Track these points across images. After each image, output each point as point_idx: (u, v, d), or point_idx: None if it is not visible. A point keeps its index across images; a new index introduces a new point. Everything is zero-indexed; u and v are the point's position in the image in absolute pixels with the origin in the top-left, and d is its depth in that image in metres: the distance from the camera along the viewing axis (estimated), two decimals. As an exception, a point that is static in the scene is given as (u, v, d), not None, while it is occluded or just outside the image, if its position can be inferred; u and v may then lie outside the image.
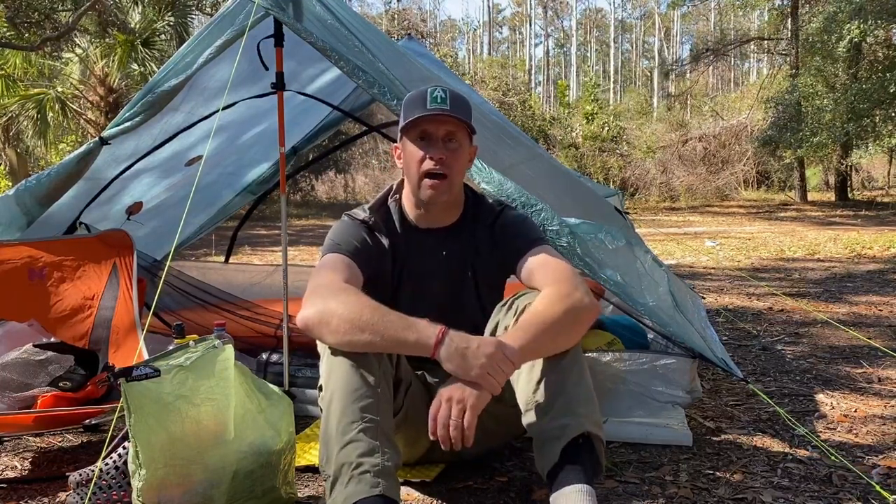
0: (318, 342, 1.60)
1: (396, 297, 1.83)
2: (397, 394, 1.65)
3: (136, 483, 1.45)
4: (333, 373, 1.51)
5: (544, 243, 1.78)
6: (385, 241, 1.81)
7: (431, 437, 1.44)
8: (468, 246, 1.85)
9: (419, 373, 1.82)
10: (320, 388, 1.58)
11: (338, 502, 1.39)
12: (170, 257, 2.47)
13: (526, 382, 1.57)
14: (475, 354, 1.42)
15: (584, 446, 1.47)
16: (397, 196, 1.86)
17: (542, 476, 1.50)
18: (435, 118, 1.69)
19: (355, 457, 1.41)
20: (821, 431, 2.24)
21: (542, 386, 1.54)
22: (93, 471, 1.63)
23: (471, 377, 1.42)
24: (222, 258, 4.75)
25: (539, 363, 1.55)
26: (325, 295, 1.53)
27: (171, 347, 1.62)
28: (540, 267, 1.69)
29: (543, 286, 1.62)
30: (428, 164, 1.70)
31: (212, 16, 3.21)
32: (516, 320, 1.61)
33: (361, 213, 1.81)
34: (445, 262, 1.85)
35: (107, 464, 1.62)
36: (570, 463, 1.45)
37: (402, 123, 1.75)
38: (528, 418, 1.54)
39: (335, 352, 1.52)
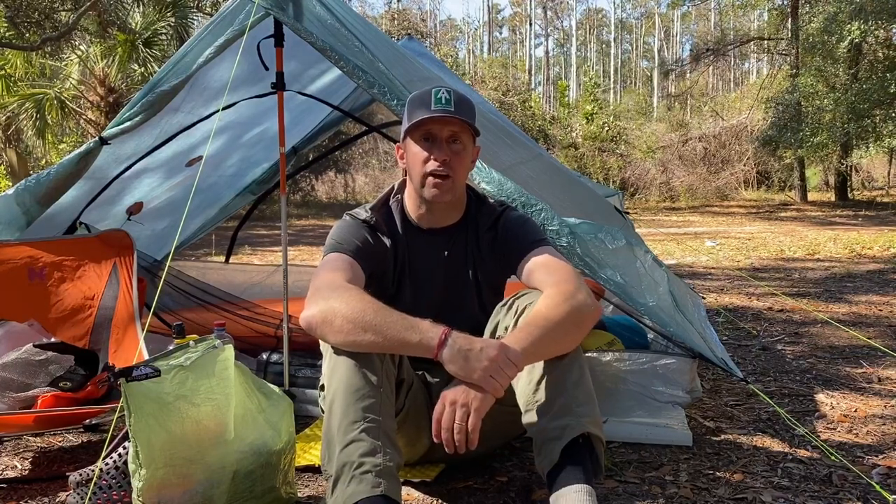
0: (320, 341, 1.60)
1: (397, 297, 1.83)
2: (399, 393, 1.65)
3: (136, 483, 1.45)
4: (336, 372, 1.51)
5: (546, 244, 1.78)
6: (387, 241, 1.81)
7: (435, 440, 1.44)
8: (469, 246, 1.85)
9: (419, 373, 1.82)
10: (321, 388, 1.58)
11: (339, 502, 1.39)
12: (170, 257, 2.47)
13: (526, 383, 1.57)
14: (478, 357, 1.42)
15: (584, 446, 1.47)
16: (399, 196, 1.87)
17: (542, 476, 1.50)
18: (439, 119, 1.69)
19: (357, 456, 1.41)
20: (821, 431, 2.24)
21: (542, 386, 1.54)
22: (93, 471, 1.63)
23: (473, 379, 1.42)
24: (222, 258, 4.75)
25: (539, 363, 1.55)
26: (327, 295, 1.53)
27: (171, 347, 1.62)
28: (541, 268, 1.69)
29: (545, 287, 1.62)
30: (432, 165, 1.71)
31: (212, 16, 3.21)
32: (516, 320, 1.61)
33: (363, 213, 1.81)
34: (447, 262, 1.85)
35: (107, 464, 1.62)
36: (570, 463, 1.45)
37: (406, 124, 1.75)
38: (529, 418, 1.54)
39: (338, 351, 1.52)
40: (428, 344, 1.45)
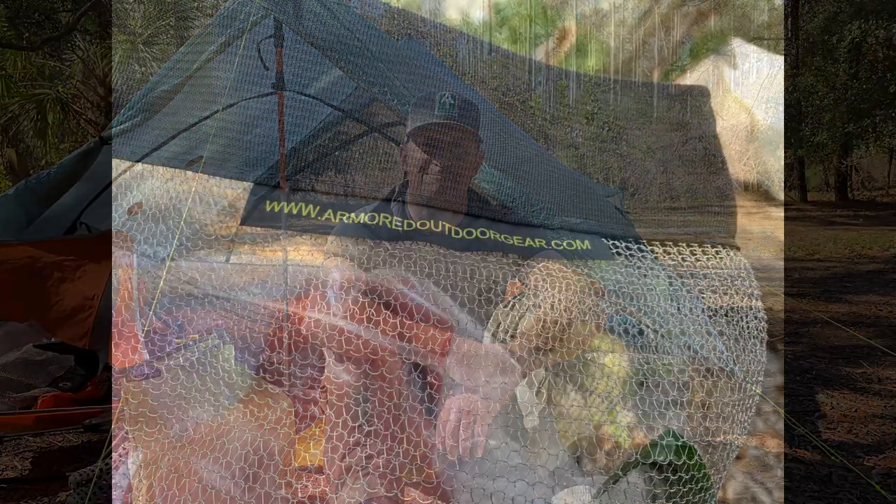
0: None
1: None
2: (401, 395, 1.65)
3: (136, 483, 1.45)
4: (337, 373, 1.51)
5: (549, 248, 1.78)
6: (387, 244, 1.80)
7: (439, 447, 1.43)
8: (470, 249, 1.84)
9: (420, 373, 1.81)
10: (322, 388, 1.57)
11: (343, 502, 1.39)
12: (170, 257, 2.47)
13: (527, 383, 1.57)
14: (482, 364, 1.41)
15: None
16: (399, 199, 1.86)
17: (543, 476, 1.50)
18: (441, 125, 1.69)
19: (359, 458, 1.40)
20: (821, 431, 2.23)
21: (543, 387, 1.53)
22: (93, 471, 1.62)
23: (478, 386, 1.41)
24: (222, 258, 4.74)
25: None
26: (326, 303, 1.53)
27: (171, 347, 1.62)
28: (545, 272, 1.68)
29: (550, 292, 1.61)
30: (433, 170, 1.70)
31: (212, 16, 3.21)
32: (518, 322, 1.60)
33: (363, 215, 1.81)
34: (447, 265, 1.84)
35: (107, 464, 1.62)
36: (570, 463, 1.45)
37: (409, 127, 1.75)
38: (530, 420, 1.54)
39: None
40: (432, 352, 1.44)
